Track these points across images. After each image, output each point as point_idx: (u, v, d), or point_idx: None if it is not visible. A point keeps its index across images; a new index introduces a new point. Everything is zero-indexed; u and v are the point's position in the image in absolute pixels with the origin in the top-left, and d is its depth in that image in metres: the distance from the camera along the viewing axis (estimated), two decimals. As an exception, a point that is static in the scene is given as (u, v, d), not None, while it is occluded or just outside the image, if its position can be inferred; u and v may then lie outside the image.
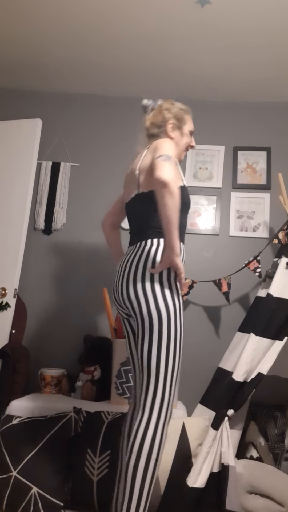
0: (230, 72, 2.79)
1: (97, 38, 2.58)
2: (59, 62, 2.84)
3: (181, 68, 2.80)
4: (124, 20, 2.41)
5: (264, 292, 2.30)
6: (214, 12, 2.29)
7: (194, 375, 2.59)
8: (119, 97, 3.14)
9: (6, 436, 2.00)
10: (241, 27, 2.39)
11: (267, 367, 1.95)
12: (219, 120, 3.05)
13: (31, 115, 2.96)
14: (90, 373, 2.46)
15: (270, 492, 1.84)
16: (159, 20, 2.39)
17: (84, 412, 2.07)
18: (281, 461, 2.24)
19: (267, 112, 3.05)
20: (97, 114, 3.14)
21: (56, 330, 2.80)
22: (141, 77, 2.93)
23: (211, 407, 2.18)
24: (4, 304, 2.55)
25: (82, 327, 2.72)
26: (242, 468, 1.93)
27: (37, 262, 2.90)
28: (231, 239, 2.87)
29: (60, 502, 1.86)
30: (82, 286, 2.85)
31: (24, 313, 2.75)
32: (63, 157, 3.06)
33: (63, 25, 2.49)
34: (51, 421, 2.05)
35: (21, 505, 1.81)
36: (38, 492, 1.84)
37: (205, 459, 1.85)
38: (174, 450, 1.96)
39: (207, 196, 2.95)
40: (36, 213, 2.97)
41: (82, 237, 2.94)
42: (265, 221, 2.88)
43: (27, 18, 2.45)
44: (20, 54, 2.79)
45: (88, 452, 1.95)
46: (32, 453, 1.93)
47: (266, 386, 2.08)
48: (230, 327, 2.60)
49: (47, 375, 2.49)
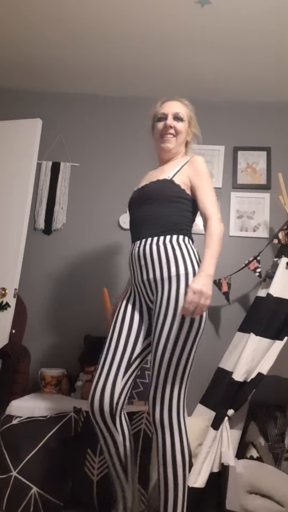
0: (230, 72, 2.78)
1: (97, 38, 2.58)
2: (59, 62, 2.84)
3: (181, 68, 2.79)
4: (124, 20, 2.41)
5: (264, 292, 2.30)
6: (214, 12, 2.29)
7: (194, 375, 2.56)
8: (119, 97, 3.14)
9: (6, 436, 2.00)
10: (241, 27, 2.39)
11: (267, 367, 1.95)
12: (219, 120, 3.05)
13: (31, 115, 2.96)
14: (90, 373, 2.45)
15: (270, 492, 1.84)
16: (159, 20, 2.39)
17: (84, 412, 2.07)
18: (281, 461, 2.24)
19: (267, 112, 3.05)
20: (97, 114, 3.14)
21: (56, 330, 2.80)
22: (141, 77, 2.93)
23: (211, 407, 2.18)
24: (4, 304, 2.55)
25: (82, 327, 2.72)
26: (242, 468, 1.93)
27: (37, 262, 2.90)
28: (231, 239, 2.87)
29: (60, 502, 1.86)
30: (82, 286, 2.85)
31: (24, 313, 2.75)
32: (63, 157, 3.06)
33: (63, 26, 2.49)
34: (51, 421, 2.05)
35: (21, 505, 1.81)
36: (38, 492, 1.84)
37: (205, 459, 1.85)
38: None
39: (207, 196, 2.95)
40: (36, 213, 2.97)
41: (82, 237, 2.94)
42: (265, 221, 2.87)
43: (27, 18, 2.45)
44: (20, 54, 2.79)
45: (88, 452, 1.95)
46: (32, 453, 1.93)
47: (266, 386, 2.08)
48: (230, 327, 2.59)
49: (47, 375, 2.49)
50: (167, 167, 1.80)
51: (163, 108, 1.80)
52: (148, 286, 1.65)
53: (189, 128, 1.84)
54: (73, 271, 2.90)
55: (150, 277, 1.63)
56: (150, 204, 1.69)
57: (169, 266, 1.59)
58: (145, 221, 1.70)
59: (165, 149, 1.79)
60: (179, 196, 1.69)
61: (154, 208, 1.68)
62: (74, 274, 2.87)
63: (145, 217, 1.70)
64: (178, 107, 1.80)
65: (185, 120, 1.81)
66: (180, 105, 1.82)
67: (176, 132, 1.78)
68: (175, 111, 1.78)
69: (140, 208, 1.73)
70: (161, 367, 1.52)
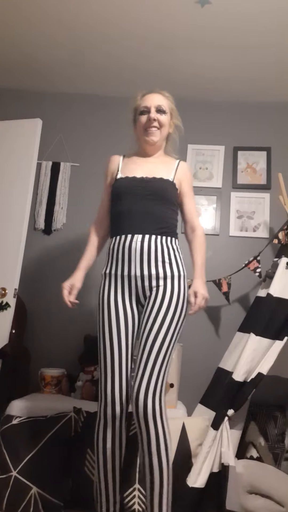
0: (230, 72, 2.78)
1: (96, 38, 2.58)
2: (59, 62, 2.84)
3: (181, 68, 2.79)
4: (124, 20, 2.41)
5: (264, 292, 2.30)
6: (214, 12, 2.29)
7: (194, 375, 2.59)
8: (119, 97, 3.13)
9: (6, 436, 2.00)
10: (241, 27, 2.39)
11: (267, 367, 1.95)
12: (219, 120, 3.05)
13: (31, 115, 2.95)
14: (90, 373, 2.46)
15: (270, 492, 1.84)
16: (159, 20, 2.38)
17: (84, 412, 2.07)
18: (281, 461, 2.24)
19: (267, 112, 3.04)
20: (97, 114, 3.14)
21: (56, 330, 2.80)
22: (141, 77, 2.92)
23: (211, 407, 2.17)
24: (4, 304, 2.54)
25: (82, 327, 2.72)
26: (242, 468, 1.93)
27: (37, 262, 2.90)
28: (231, 239, 2.87)
29: (60, 502, 1.86)
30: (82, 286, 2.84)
31: (24, 313, 2.75)
32: (63, 157, 3.06)
33: (63, 26, 2.49)
34: (51, 421, 2.05)
35: (21, 505, 1.81)
36: (38, 492, 1.84)
37: (205, 459, 1.85)
38: (174, 450, 1.96)
39: (207, 196, 2.95)
40: (36, 213, 2.97)
41: (82, 237, 2.93)
42: (265, 221, 2.87)
43: (27, 18, 2.45)
44: (20, 54, 2.79)
45: (88, 452, 1.95)
46: (32, 453, 1.93)
47: (266, 386, 2.08)
48: (230, 327, 2.59)
49: (47, 375, 2.49)
50: (158, 164, 1.83)
51: (145, 101, 1.80)
52: (147, 281, 1.67)
53: (171, 120, 1.86)
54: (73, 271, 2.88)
55: (152, 273, 1.66)
56: (153, 201, 1.72)
57: (171, 266, 1.68)
58: (147, 216, 1.71)
59: (150, 142, 1.81)
60: (176, 200, 1.80)
61: (158, 206, 1.72)
62: (74, 274, 2.87)
63: (147, 212, 1.71)
64: (160, 100, 1.81)
65: (168, 113, 1.82)
66: (161, 97, 1.82)
67: (160, 125, 1.79)
68: (158, 104, 1.79)
69: (142, 201, 1.72)
70: (150, 356, 1.56)
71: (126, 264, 1.68)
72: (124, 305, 1.69)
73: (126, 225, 1.72)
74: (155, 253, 1.67)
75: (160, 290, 1.65)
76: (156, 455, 1.52)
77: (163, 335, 1.58)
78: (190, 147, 3.02)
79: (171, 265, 1.68)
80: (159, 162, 1.84)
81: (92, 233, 1.91)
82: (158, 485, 1.53)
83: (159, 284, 1.66)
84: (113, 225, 1.80)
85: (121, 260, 1.69)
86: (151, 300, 1.65)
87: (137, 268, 1.67)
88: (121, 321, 1.66)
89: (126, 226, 1.72)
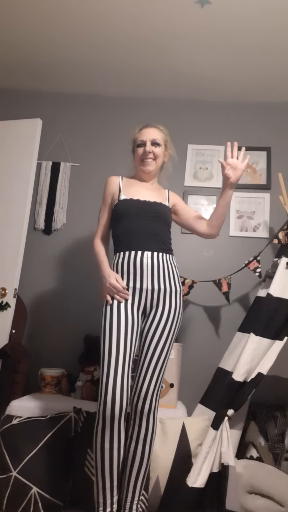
0: (230, 72, 2.79)
1: (97, 38, 2.58)
2: (59, 62, 2.84)
3: (181, 68, 2.80)
4: (124, 20, 2.41)
5: (264, 292, 2.30)
6: (214, 12, 2.30)
7: (194, 375, 2.59)
8: (119, 97, 3.14)
9: (6, 436, 2.00)
10: (241, 27, 2.39)
11: (267, 367, 1.95)
12: (219, 120, 3.05)
13: (31, 115, 2.96)
14: (90, 373, 2.46)
15: (270, 492, 1.84)
16: (159, 20, 2.39)
17: (84, 412, 2.07)
18: (281, 461, 2.24)
19: (267, 112, 3.05)
20: (97, 114, 3.14)
21: (56, 330, 2.80)
22: (141, 77, 2.93)
23: (211, 407, 2.18)
24: (4, 304, 2.55)
25: (82, 327, 2.72)
26: (242, 468, 1.93)
27: (37, 262, 2.90)
28: (231, 239, 2.87)
29: (60, 502, 1.87)
30: (82, 286, 2.85)
31: (24, 313, 2.75)
32: (63, 157, 3.06)
33: (63, 26, 2.49)
34: (51, 421, 2.05)
35: (21, 505, 1.81)
36: (38, 492, 1.84)
37: (205, 459, 1.85)
38: (174, 450, 1.96)
39: (207, 196, 2.95)
40: (36, 213, 2.97)
41: (82, 237, 2.94)
42: (265, 221, 2.87)
43: (27, 18, 2.45)
44: (20, 54, 2.79)
45: (88, 452, 1.95)
46: (32, 453, 1.93)
47: (266, 386, 2.08)
48: (230, 327, 2.60)
49: (47, 375, 2.49)
50: (154, 190, 2.02)
51: (142, 135, 1.99)
52: (156, 295, 1.82)
53: (166, 151, 2.05)
54: (73, 271, 2.90)
55: (161, 287, 1.82)
56: (157, 222, 1.90)
57: (175, 282, 1.87)
58: (153, 235, 1.87)
59: (146, 171, 2.00)
60: (171, 222, 2.02)
61: (160, 226, 1.91)
62: (74, 274, 2.87)
63: (152, 232, 1.88)
64: (155, 134, 1.99)
65: (162, 145, 2.01)
66: (156, 131, 2.00)
67: (155, 156, 1.98)
68: (153, 138, 1.97)
69: (149, 221, 1.88)
70: (151, 361, 1.76)
71: (138, 277, 1.81)
72: (132, 312, 1.79)
73: (134, 242, 1.86)
74: (163, 269, 1.84)
75: (166, 303, 1.82)
76: (143, 442, 1.74)
77: (163, 344, 1.77)
78: (190, 147, 3.02)
79: (174, 280, 1.86)
80: (154, 188, 2.04)
81: (99, 245, 2.01)
82: (139, 467, 1.73)
83: (165, 298, 1.82)
84: (120, 242, 1.92)
85: (133, 273, 1.82)
86: (158, 312, 1.81)
87: (148, 282, 1.81)
88: (128, 327, 1.75)
89: (135, 243, 1.86)
